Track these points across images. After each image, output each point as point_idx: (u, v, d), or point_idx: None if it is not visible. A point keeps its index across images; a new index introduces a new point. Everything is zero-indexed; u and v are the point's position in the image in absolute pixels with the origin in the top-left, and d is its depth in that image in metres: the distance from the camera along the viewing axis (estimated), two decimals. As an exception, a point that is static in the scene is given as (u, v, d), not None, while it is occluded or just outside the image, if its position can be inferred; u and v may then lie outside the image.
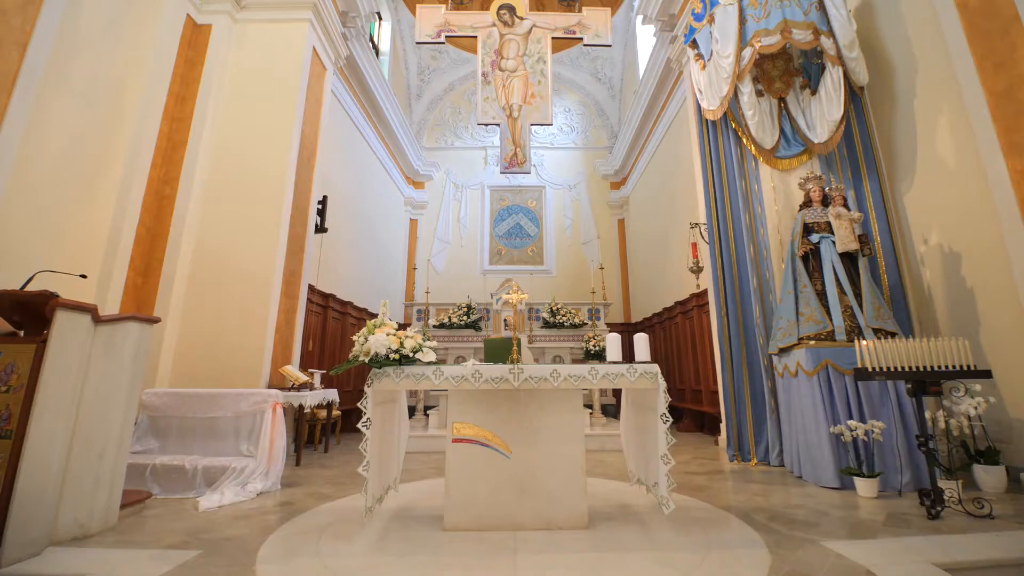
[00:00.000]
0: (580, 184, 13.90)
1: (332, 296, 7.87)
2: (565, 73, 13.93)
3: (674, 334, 9.08)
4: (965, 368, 3.20)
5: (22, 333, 2.90)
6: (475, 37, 5.97)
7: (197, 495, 3.58)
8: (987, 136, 4.17)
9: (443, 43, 6.17)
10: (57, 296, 2.73)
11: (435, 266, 12.84)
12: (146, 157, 5.29)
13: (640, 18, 7.59)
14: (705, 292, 6.68)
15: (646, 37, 11.24)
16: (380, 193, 10.93)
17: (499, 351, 4.86)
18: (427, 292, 9.04)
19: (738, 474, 4.40)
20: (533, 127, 7.43)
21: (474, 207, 13.71)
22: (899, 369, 3.22)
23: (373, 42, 10.92)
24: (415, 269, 10.34)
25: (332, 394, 5.75)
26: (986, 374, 3.23)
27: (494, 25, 5.96)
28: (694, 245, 6.35)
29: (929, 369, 3.19)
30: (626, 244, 13.23)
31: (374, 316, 9.57)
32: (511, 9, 5.97)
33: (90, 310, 2.80)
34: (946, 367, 3.20)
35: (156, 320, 3.25)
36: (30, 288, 2.93)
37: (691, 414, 8.03)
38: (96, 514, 2.81)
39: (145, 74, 5.40)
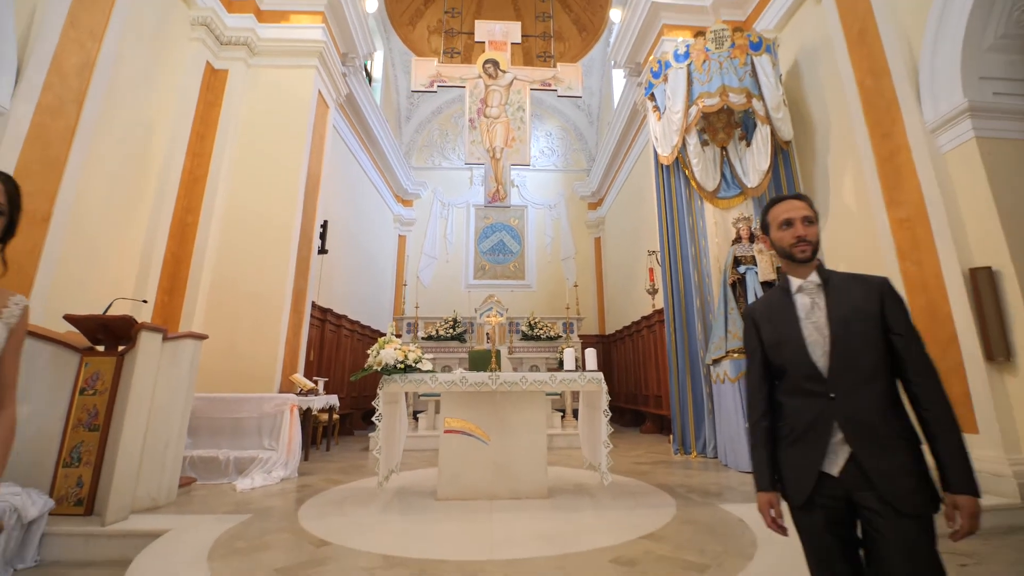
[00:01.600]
0: (560, 204, 14.87)
1: (329, 311, 8.62)
2: (547, 99, 14.91)
3: (640, 346, 10.02)
4: (840, 376, 4.15)
5: (102, 348, 3.65)
6: (463, 87, 6.86)
7: (230, 481, 4.34)
8: (875, 190, 5.19)
9: (435, 92, 7.04)
10: (135, 320, 3.50)
11: (422, 280, 13.63)
12: (172, 190, 6.03)
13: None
14: (663, 310, 7.62)
15: (620, 71, 12.31)
16: (372, 212, 11.72)
17: (481, 361, 5.72)
18: (416, 307, 9.83)
19: (678, 463, 5.30)
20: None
21: (460, 224, 14.57)
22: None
23: (367, 70, 11.76)
24: (405, 285, 11.13)
25: (333, 399, 6.52)
26: (855, 381, 4.18)
27: (480, 77, 6.87)
28: (651, 269, 7.30)
29: (812, 377, 4.14)
30: (602, 261, 14.19)
31: (366, 328, 10.39)
32: (495, 63, 6.89)
33: (162, 330, 3.58)
34: (826, 376, 4.14)
35: (205, 337, 4.02)
36: (88, 310, 3.69)
37: (653, 418, 8.95)
38: (162, 491, 3.57)
39: (171, 116, 6.17)
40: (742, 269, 5.52)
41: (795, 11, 6.76)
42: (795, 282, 1.53)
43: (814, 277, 1.51)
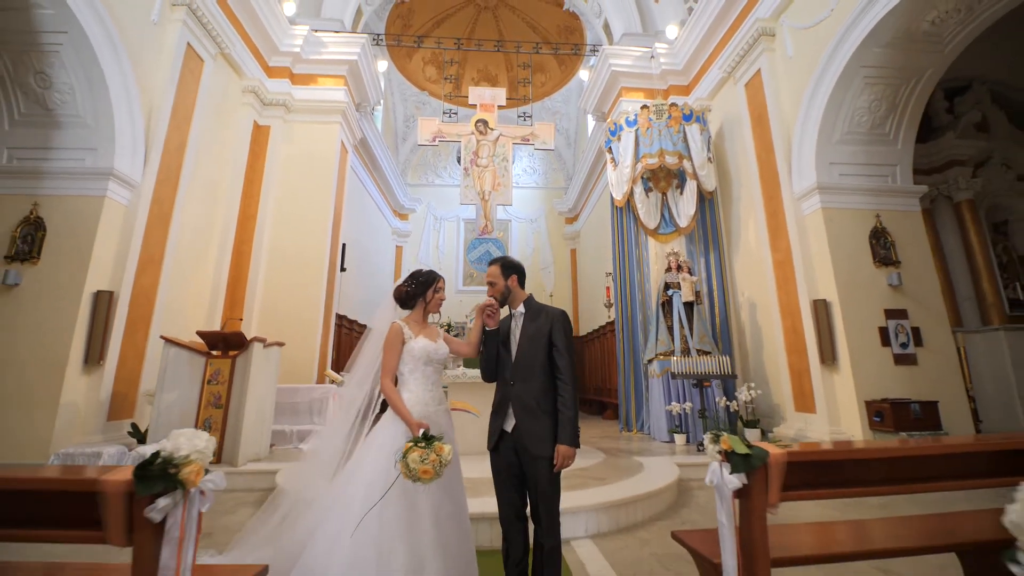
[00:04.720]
0: (540, 219, 16.66)
1: (345, 317, 10.31)
2: (530, 122, 16.70)
3: (606, 346, 11.89)
4: (723, 373, 6.03)
5: (217, 353, 5.33)
6: (459, 141, 8.60)
7: (295, 446, 6.05)
8: (764, 237, 7.09)
9: (436, 144, 8.75)
10: (245, 335, 5.20)
11: (417, 286, 15.27)
12: (231, 230, 7.64)
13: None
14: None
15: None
16: (375, 227, 13.39)
17: (473, 360, 7.48)
18: (416, 313, 11.51)
19: (622, 438, 7.16)
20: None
21: (450, 236, 16.27)
22: (689, 373, 6.03)
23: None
24: (404, 292, 12.80)
25: (356, 390, 8.23)
26: (733, 376, 6.07)
27: (472, 133, 8.60)
28: (608, 288, 9.15)
29: (704, 373, 6.01)
30: (577, 270, 16.02)
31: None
32: (485, 122, 8.64)
33: (263, 340, 5.28)
34: (713, 373, 6.03)
35: (283, 344, 5.73)
36: (184, 326, 5.37)
37: (612, 407, 10.82)
38: (261, 449, 5.28)
39: (229, 168, 7.79)
40: (670, 292, 7.38)
41: (722, 86, 8.61)
42: (511, 310, 2.32)
43: (521, 308, 2.27)
